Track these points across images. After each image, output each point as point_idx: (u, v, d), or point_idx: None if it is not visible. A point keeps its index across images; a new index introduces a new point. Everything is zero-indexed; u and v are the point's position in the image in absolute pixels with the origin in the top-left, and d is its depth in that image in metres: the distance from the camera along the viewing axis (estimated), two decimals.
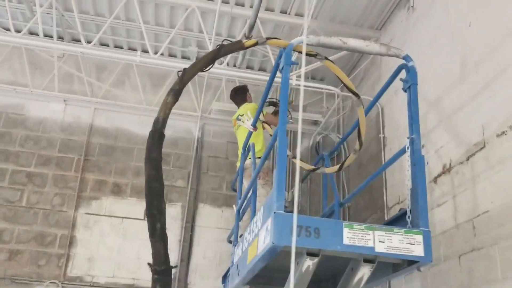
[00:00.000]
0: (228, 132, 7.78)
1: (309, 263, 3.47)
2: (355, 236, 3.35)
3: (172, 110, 7.85)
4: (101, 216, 7.31)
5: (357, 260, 3.53)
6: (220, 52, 4.12)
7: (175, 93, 4.18)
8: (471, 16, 4.95)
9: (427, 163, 5.40)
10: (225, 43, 4.11)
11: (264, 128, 5.92)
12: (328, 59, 3.94)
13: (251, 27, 6.30)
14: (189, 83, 7.76)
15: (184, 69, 4.21)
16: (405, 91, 4.00)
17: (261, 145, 5.75)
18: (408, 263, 3.51)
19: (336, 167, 4.78)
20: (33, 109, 7.67)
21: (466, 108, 4.83)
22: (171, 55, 8.15)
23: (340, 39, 3.83)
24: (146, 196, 3.98)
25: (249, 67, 8.25)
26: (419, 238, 3.37)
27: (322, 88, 7.09)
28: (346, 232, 3.35)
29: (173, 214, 7.38)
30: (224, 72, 7.05)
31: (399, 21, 6.63)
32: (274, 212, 3.26)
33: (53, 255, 7.00)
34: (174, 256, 7.26)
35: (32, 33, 7.72)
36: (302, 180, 6.59)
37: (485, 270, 4.25)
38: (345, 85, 4.07)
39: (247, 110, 5.93)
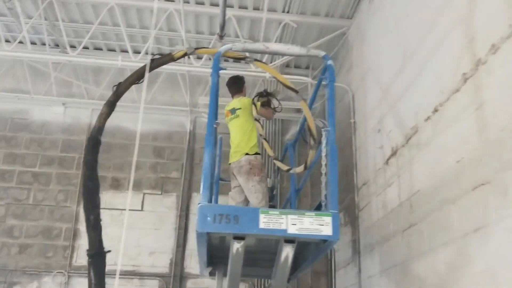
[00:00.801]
0: (221, 125, 8.16)
1: (237, 246, 3.92)
2: (270, 220, 3.76)
3: (166, 106, 8.40)
4: (102, 209, 7.84)
5: (280, 241, 3.93)
6: (151, 65, 4.55)
7: (110, 104, 4.65)
8: (408, 8, 5.21)
9: (381, 147, 5.75)
10: (156, 57, 4.54)
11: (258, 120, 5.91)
12: (258, 60, 4.30)
13: (222, 27, 6.71)
14: (180, 80, 8.33)
15: (119, 83, 4.68)
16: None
17: (255, 140, 5.61)
18: (323, 242, 3.89)
19: (302, 167, 4.99)
20: (36, 113, 8.33)
21: (406, 95, 5.14)
22: (161, 54, 8.58)
23: (263, 44, 4.23)
24: (82, 193, 4.48)
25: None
26: (328, 219, 3.75)
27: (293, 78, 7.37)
28: (262, 217, 3.75)
29: (169, 204, 7.91)
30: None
31: (363, 11, 6.90)
32: (199, 204, 3.71)
33: (59, 247, 7.65)
34: (171, 243, 7.83)
35: (32, 42, 8.30)
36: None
37: (418, 243, 4.62)
38: (280, 82, 4.42)
39: (244, 105, 5.68)
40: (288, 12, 7.37)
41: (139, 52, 7.71)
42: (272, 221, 3.75)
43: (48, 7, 7.36)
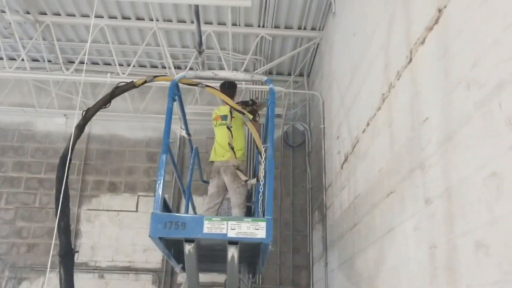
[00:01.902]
0: (207, 129, 8.80)
1: (188, 247, 4.58)
2: (212, 226, 4.40)
3: (157, 115, 9.06)
4: (100, 211, 8.67)
5: (225, 243, 4.57)
6: (114, 93, 5.21)
7: (79, 128, 5.31)
8: (355, 27, 5.78)
9: (338, 152, 6.34)
10: (120, 84, 5.19)
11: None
12: (209, 86, 4.93)
13: (199, 44, 7.37)
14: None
15: (88, 108, 5.34)
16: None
17: (243, 146, 5.93)
18: (260, 244, 4.52)
19: (255, 180, 5.40)
20: (40, 124, 9.11)
21: (353, 107, 5.72)
22: (153, 66, 9.28)
23: (212, 72, 4.86)
24: (55, 203, 5.11)
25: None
26: (263, 224, 4.37)
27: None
28: (206, 223, 4.40)
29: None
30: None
31: (329, 24, 7.46)
32: (152, 213, 4.38)
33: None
34: None
35: (34, 59, 9.08)
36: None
37: (358, 241, 5.22)
38: (229, 105, 5.05)
39: (236, 114, 5.76)
40: (263, 26, 7.95)
41: (129, 64, 8.45)
42: (215, 226, 4.39)
43: (46, 29, 8.07)
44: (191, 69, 8.68)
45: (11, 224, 8.59)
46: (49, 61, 8.97)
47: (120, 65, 9.06)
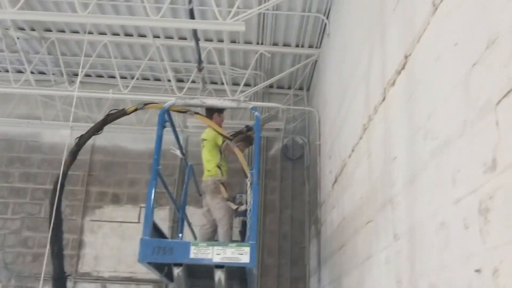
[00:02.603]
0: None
1: (177, 271, 4.79)
2: (199, 251, 4.61)
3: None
4: (103, 221, 8.92)
5: (212, 267, 4.77)
6: (107, 120, 5.44)
7: (73, 154, 5.54)
8: (345, 52, 5.92)
9: (330, 171, 6.50)
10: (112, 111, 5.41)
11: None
12: (198, 113, 5.12)
13: (198, 61, 7.57)
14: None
15: (82, 135, 5.56)
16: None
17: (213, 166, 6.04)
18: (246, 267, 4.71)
19: (245, 206, 5.54)
20: (46, 136, 9.38)
21: (342, 129, 5.88)
22: (156, 79, 9.49)
23: (200, 99, 5.09)
24: (50, 230, 5.32)
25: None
26: (247, 249, 4.57)
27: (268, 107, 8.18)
28: (192, 249, 4.61)
29: (162, 216, 8.83)
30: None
31: (325, 43, 7.60)
32: (141, 238, 4.60)
33: (66, 255, 8.58)
34: None
35: (40, 72, 9.35)
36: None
37: (345, 262, 5.39)
38: (215, 130, 5.24)
39: (209, 137, 6.11)
40: (262, 43, 8.12)
41: (133, 77, 8.70)
42: (201, 251, 4.59)
43: (51, 44, 8.32)
44: (193, 81, 8.87)
45: (17, 234, 8.88)
46: (54, 73, 9.24)
47: (124, 77, 9.32)
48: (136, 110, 5.27)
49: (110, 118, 5.38)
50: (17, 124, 9.31)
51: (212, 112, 6.15)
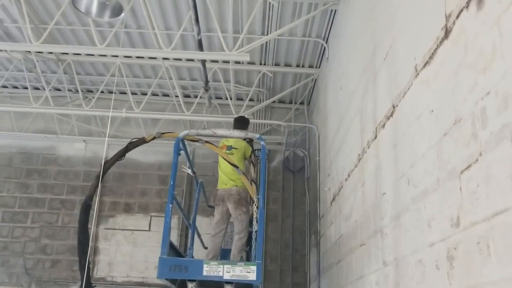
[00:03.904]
0: (214, 154, 9.52)
1: (191, 285, 5.33)
2: (211, 269, 5.14)
3: (168, 141, 9.77)
4: (116, 230, 9.48)
5: (222, 282, 5.31)
6: (128, 147, 5.98)
7: (98, 177, 6.07)
8: (342, 82, 6.44)
9: (329, 189, 7.04)
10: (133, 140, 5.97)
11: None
12: (209, 143, 5.66)
13: (205, 82, 8.10)
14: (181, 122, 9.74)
15: (107, 161, 6.10)
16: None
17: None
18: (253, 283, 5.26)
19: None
20: (62, 149, 9.94)
21: (339, 152, 6.40)
22: (165, 95, 10.03)
23: (211, 130, 5.57)
24: (77, 244, 5.87)
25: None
26: (254, 268, 5.09)
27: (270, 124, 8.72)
28: (205, 267, 5.14)
29: (172, 225, 9.29)
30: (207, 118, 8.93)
31: (324, 65, 8.12)
32: (160, 257, 5.14)
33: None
34: None
35: (56, 89, 9.88)
36: None
37: (341, 277, 5.92)
38: (224, 158, 5.78)
39: (240, 147, 6.47)
40: (264, 64, 8.65)
41: (145, 94, 9.25)
42: (212, 269, 5.13)
43: (67, 65, 8.86)
44: (200, 97, 9.41)
45: (37, 242, 9.44)
46: (70, 90, 9.79)
47: (135, 94, 9.85)
48: (154, 138, 5.81)
49: (131, 146, 5.92)
50: (35, 138, 9.86)
51: (246, 125, 6.82)
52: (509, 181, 2.16)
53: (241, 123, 6.82)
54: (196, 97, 9.51)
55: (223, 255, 7.78)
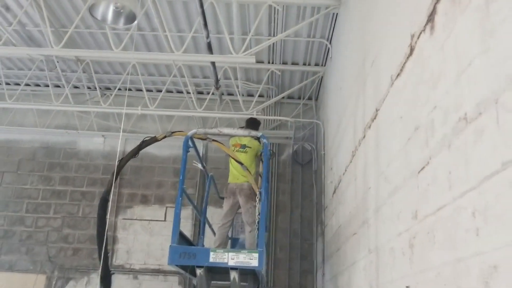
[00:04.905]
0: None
1: (199, 271, 5.85)
2: (217, 256, 5.65)
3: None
4: (134, 220, 10.05)
5: (228, 269, 5.81)
6: (141, 146, 6.50)
7: (113, 175, 6.58)
8: (341, 83, 6.86)
9: (331, 182, 7.48)
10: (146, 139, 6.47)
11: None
12: (216, 141, 6.15)
13: (216, 81, 8.58)
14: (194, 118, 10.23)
15: (122, 158, 6.61)
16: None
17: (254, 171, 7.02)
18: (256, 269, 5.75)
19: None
20: (82, 144, 10.53)
21: (339, 148, 6.83)
22: (179, 91, 10.52)
23: (218, 129, 6.07)
24: (96, 236, 6.41)
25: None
26: (256, 255, 5.58)
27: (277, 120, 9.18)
28: (211, 254, 5.65)
29: (185, 215, 9.91)
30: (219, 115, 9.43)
31: (328, 64, 8.54)
32: (170, 245, 5.66)
33: None
34: None
35: (75, 86, 10.44)
36: None
37: (340, 263, 6.38)
38: (229, 155, 6.26)
39: (254, 146, 7.00)
40: (272, 62, 9.09)
41: (160, 91, 9.78)
42: (218, 256, 5.64)
43: (86, 65, 9.41)
44: (212, 93, 9.91)
45: (59, 231, 10.07)
46: (88, 87, 10.35)
47: (150, 91, 10.37)
48: (165, 137, 6.32)
49: (144, 144, 6.43)
50: (56, 133, 10.46)
51: (258, 126, 7.45)
52: (446, 182, 2.61)
53: (252, 124, 7.40)
54: (208, 93, 9.98)
55: (234, 243, 8.33)
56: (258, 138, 6.93)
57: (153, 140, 6.40)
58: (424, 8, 3.13)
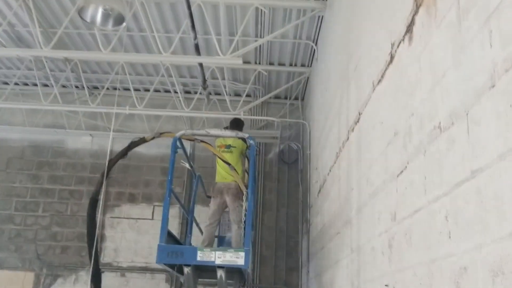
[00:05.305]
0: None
1: (186, 269, 5.97)
2: (204, 255, 5.77)
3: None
4: (121, 218, 10.15)
5: (215, 267, 5.94)
6: (130, 147, 6.60)
7: (103, 175, 6.69)
8: (328, 84, 7.01)
9: (316, 181, 7.64)
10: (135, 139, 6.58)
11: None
12: (204, 142, 6.27)
13: (203, 81, 8.69)
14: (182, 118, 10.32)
15: (111, 159, 6.70)
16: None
17: (241, 174, 7.10)
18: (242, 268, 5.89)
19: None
20: (70, 142, 10.59)
21: (324, 149, 6.98)
22: (166, 91, 10.61)
23: (205, 130, 6.21)
24: (87, 237, 6.51)
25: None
26: (242, 254, 5.71)
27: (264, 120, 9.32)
28: (199, 253, 5.78)
29: (173, 214, 9.98)
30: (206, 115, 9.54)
31: (314, 65, 8.69)
32: (158, 244, 5.78)
33: None
34: None
35: (64, 86, 10.49)
36: None
37: (324, 261, 6.53)
38: (217, 156, 6.38)
39: (239, 145, 7.13)
40: (259, 63, 9.22)
41: (148, 90, 9.86)
42: (206, 255, 5.76)
43: (74, 65, 9.47)
44: (200, 93, 10.02)
45: (48, 229, 10.13)
46: (76, 87, 10.41)
47: (138, 90, 10.45)
48: (153, 138, 6.43)
49: (133, 145, 6.54)
50: (44, 132, 10.51)
51: (242, 127, 7.55)
52: (422, 187, 2.76)
53: (237, 125, 7.52)
54: (196, 93, 10.08)
55: (220, 241, 8.46)
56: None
57: (142, 141, 6.51)
58: (404, 19, 3.28)
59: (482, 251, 2.00)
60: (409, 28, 3.17)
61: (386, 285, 3.43)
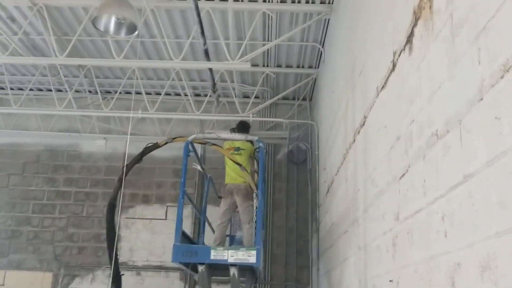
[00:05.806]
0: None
1: (201, 267, 6.20)
2: (217, 254, 6.01)
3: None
4: (136, 219, 10.40)
5: (228, 265, 6.16)
6: (144, 152, 6.84)
7: (119, 180, 6.92)
8: (333, 86, 7.21)
9: (325, 181, 7.84)
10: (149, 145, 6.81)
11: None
12: (215, 144, 6.50)
13: (213, 85, 8.92)
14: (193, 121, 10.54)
15: (126, 164, 6.93)
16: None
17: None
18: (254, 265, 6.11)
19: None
20: (84, 146, 10.86)
21: (332, 150, 7.17)
22: (177, 94, 10.83)
23: (216, 133, 6.44)
24: (107, 241, 6.75)
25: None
26: (254, 252, 5.95)
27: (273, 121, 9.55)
28: (212, 252, 6.01)
29: (186, 214, 10.09)
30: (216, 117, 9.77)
31: (321, 67, 8.88)
32: (174, 244, 6.01)
33: (106, 248, 10.18)
34: None
35: (77, 91, 10.76)
36: None
37: (333, 259, 6.74)
38: (229, 158, 6.60)
39: (247, 148, 7.29)
40: (267, 66, 9.43)
41: (159, 94, 10.10)
42: (219, 254, 6.01)
43: (87, 70, 9.73)
44: (210, 96, 10.24)
45: (64, 231, 10.42)
46: (89, 91, 10.68)
47: (149, 94, 10.70)
48: (166, 143, 6.66)
49: (146, 151, 6.77)
50: (59, 136, 10.79)
51: (248, 129, 7.78)
52: (422, 189, 2.96)
53: (243, 128, 7.75)
54: (205, 96, 10.30)
55: (231, 241, 8.69)
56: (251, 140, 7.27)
57: (155, 146, 6.75)
58: (404, 29, 3.47)
59: (473, 249, 2.20)
60: (409, 39, 3.37)
61: (390, 281, 3.64)
